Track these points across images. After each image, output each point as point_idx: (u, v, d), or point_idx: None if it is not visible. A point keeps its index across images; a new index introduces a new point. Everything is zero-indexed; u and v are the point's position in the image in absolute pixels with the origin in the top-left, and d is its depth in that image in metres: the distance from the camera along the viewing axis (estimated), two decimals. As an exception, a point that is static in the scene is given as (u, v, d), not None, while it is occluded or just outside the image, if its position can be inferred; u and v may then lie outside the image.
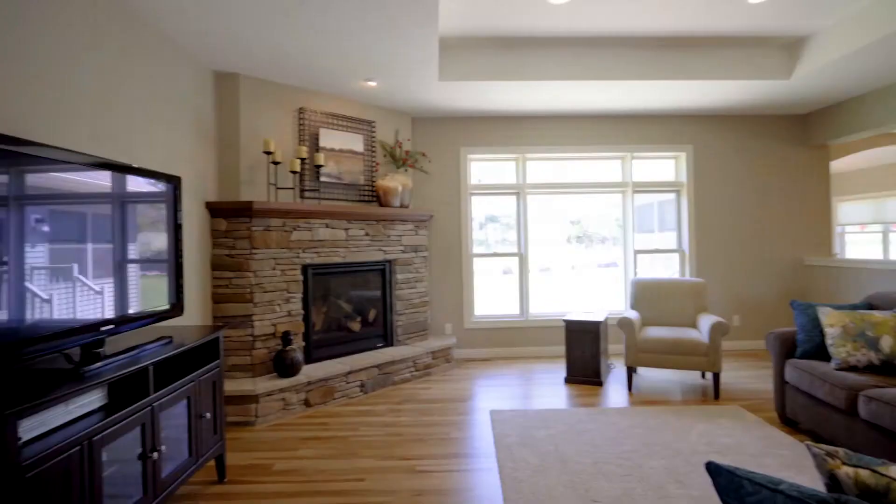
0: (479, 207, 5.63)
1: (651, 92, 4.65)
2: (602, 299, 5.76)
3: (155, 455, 2.05)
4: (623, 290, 5.67)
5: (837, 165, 9.12)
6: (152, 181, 2.45)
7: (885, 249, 9.60)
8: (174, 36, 3.21)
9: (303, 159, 4.08)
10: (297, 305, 4.02)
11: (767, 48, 4.32)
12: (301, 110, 4.24)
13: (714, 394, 3.91)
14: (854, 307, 3.24)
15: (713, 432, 3.19)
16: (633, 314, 4.29)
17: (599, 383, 4.27)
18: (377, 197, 4.70)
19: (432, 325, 5.39)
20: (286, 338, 3.76)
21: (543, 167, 5.65)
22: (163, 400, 2.15)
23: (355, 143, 4.59)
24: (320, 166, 4.18)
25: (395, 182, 4.65)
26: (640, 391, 4.10)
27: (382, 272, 4.73)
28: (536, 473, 2.68)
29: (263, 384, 3.56)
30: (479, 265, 5.60)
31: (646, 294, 4.59)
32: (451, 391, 4.23)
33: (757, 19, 3.80)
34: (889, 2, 3.38)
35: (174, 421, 2.29)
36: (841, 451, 1.12)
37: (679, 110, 5.37)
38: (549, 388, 4.24)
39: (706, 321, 4.02)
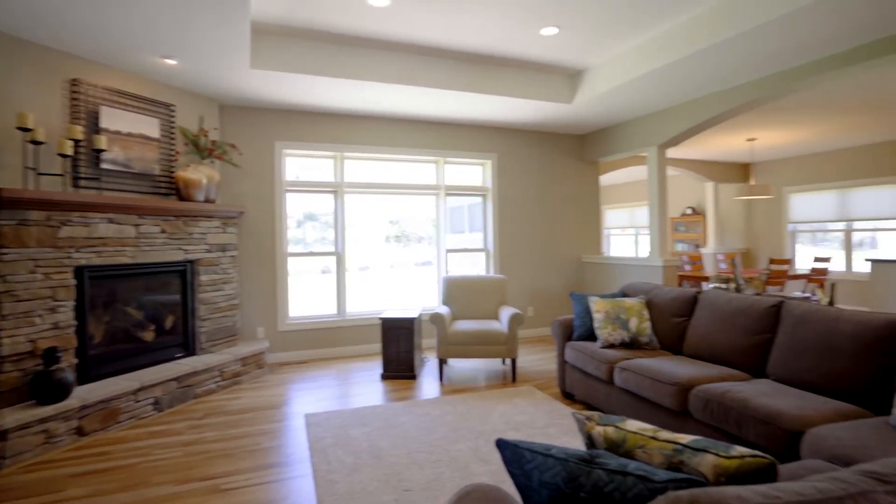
0: (297, 205, 5.42)
1: (462, 102, 5.03)
2: (419, 296, 6.03)
3: None
4: (437, 287, 6.02)
5: (605, 179, 11.08)
6: None
7: (636, 248, 11.99)
8: None
9: (77, 141, 3.42)
10: (67, 315, 3.35)
11: (556, 75, 5.03)
12: (75, 82, 3.55)
13: (512, 377, 4.41)
14: (613, 296, 3.97)
15: (510, 411, 3.60)
16: (444, 309, 4.59)
17: (414, 377, 4.48)
18: (177, 190, 4.19)
19: (242, 330, 5.02)
20: (51, 355, 3.11)
21: (362, 167, 5.68)
22: None
23: (149, 127, 4.02)
24: (101, 150, 3.56)
25: (198, 174, 4.20)
26: (450, 381, 4.42)
27: (183, 273, 4.23)
28: (352, 472, 2.69)
29: (15, 415, 2.88)
30: (296, 265, 5.39)
31: (455, 290, 4.96)
32: (262, 399, 3.99)
33: (548, 50, 4.39)
34: (635, 53, 4.23)
35: None
36: (596, 414, 1.37)
37: (486, 121, 5.92)
38: (366, 386, 4.29)
39: (506, 313, 4.51)
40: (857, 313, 2.53)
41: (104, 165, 3.67)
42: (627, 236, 12.22)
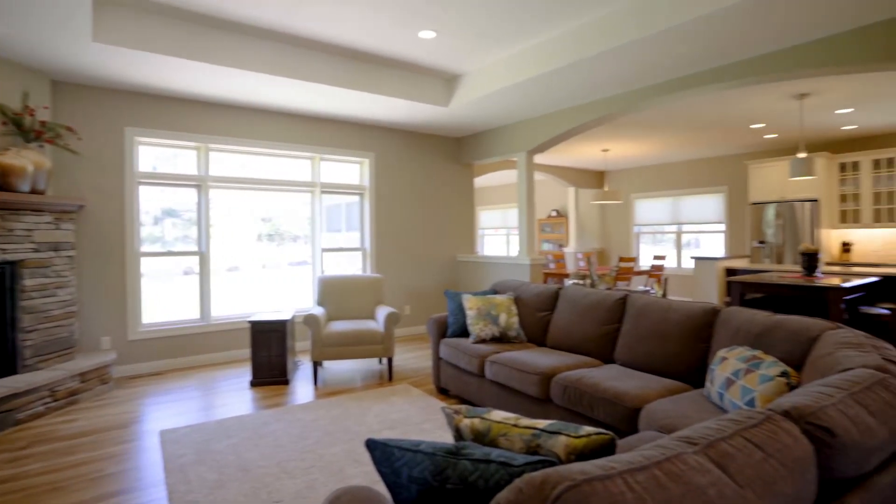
0: (154, 199, 4.86)
1: (339, 98, 4.91)
2: (293, 297, 5.77)
3: None
4: (312, 288, 5.82)
5: (480, 181, 11.60)
6: None
7: (508, 248, 12.73)
8: None
9: None
10: None
11: (434, 78, 5.13)
12: None
13: (389, 376, 4.42)
14: (485, 293, 4.17)
15: (387, 410, 3.60)
16: (318, 310, 4.45)
17: (286, 382, 4.28)
18: (-10, 177, 3.52)
19: (83, 341, 4.38)
20: None
21: (230, 160, 5.28)
22: None
23: (-51, 99, 3.32)
24: None
25: (21, 160, 3.58)
26: (325, 384, 4.29)
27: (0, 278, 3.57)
28: (215, 489, 2.49)
29: None
30: (151, 265, 4.83)
31: (331, 290, 4.83)
32: (107, 418, 3.52)
33: (427, 53, 4.46)
34: (507, 63, 4.49)
35: None
36: (463, 408, 1.43)
37: (364, 120, 5.85)
38: (234, 395, 4.00)
39: (382, 312, 4.50)
40: (683, 304, 2.96)
41: None
42: (500, 236, 12.93)
